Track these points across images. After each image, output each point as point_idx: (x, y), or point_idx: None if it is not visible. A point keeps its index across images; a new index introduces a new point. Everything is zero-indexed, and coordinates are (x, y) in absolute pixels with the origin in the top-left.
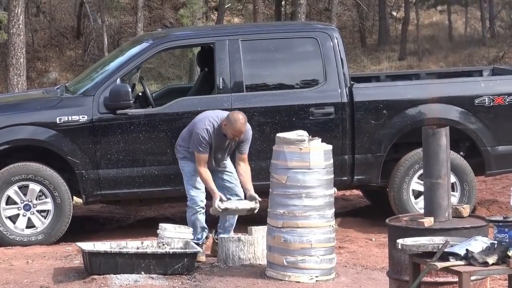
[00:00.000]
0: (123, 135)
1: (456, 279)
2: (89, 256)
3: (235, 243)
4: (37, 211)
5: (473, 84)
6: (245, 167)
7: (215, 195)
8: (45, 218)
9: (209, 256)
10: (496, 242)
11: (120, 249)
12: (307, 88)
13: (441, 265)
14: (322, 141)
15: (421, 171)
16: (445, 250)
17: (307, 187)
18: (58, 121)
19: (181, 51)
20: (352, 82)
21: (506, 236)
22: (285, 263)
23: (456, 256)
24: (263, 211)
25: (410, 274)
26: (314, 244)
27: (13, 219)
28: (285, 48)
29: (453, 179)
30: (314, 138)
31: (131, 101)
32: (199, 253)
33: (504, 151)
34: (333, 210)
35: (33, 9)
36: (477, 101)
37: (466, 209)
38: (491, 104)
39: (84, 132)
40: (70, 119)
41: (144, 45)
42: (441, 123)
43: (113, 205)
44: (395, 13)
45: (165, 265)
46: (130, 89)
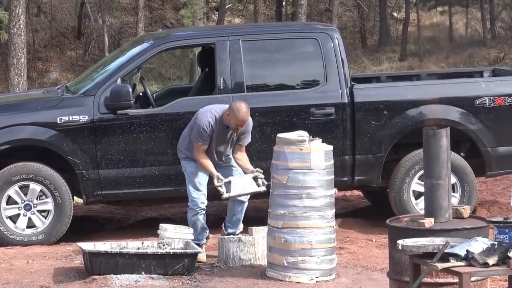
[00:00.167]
0: (123, 135)
1: (456, 280)
2: (90, 256)
3: (235, 243)
4: (38, 211)
5: (474, 85)
6: (242, 154)
7: (214, 176)
8: (45, 218)
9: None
10: (496, 243)
11: (121, 249)
12: (307, 88)
13: (441, 266)
14: (322, 142)
15: (422, 171)
16: (446, 251)
17: (307, 188)
18: (58, 121)
19: (181, 51)
20: (352, 83)
21: (506, 237)
22: (286, 264)
23: (457, 257)
24: (263, 211)
25: (411, 275)
26: (315, 244)
27: (14, 219)
28: (285, 48)
29: (453, 180)
30: (315, 138)
31: (132, 101)
32: (199, 253)
33: (505, 152)
34: (334, 210)
35: (34, 9)
36: (477, 102)
37: (466, 210)
38: (492, 105)
39: (85, 132)
40: (71, 119)
41: (145, 45)
42: (442, 123)
43: (114, 205)
44: (395, 14)
45: (165, 266)
46: (130, 89)
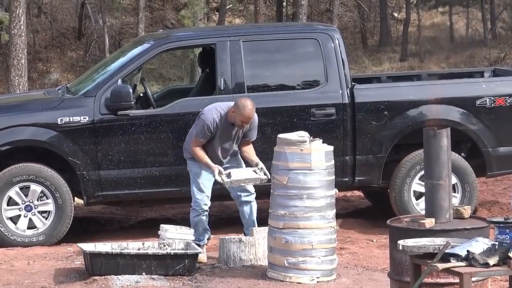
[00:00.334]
0: (124, 136)
1: (457, 280)
2: (90, 257)
3: (236, 244)
4: (38, 212)
5: (474, 85)
6: (249, 147)
7: (212, 168)
8: (46, 219)
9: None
10: (497, 243)
11: (121, 250)
12: (308, 89)
13: (442, 266)
14: (323, 142)
15: (422, 172)
16: (446, 251)
17: (308, 188)
18: (59, 122)
19: (182, 52)
20: (353, 83)
21: (507, 237)
22: (286, 264)
23: (457, 257)
24: (264, 212)
25: (411, 275)
26: (315, 245)
27: (14, 220)
28: (286, 49)
29: (454, 180)
30: (315, 139)
31: (132, 102)
32: (200, 253)
33: (505, 152)
34: (334, 211)
35: (35, 10)
36: (478, 102)
37: (467, 210)
38: (492, 105)
39: (85, 133)
40: (71, 120)
41: (146, 46)
42: (442, 124)
43: (114, 206)
44: (396, 14)
45: (166, 266)
46: (131, 90)
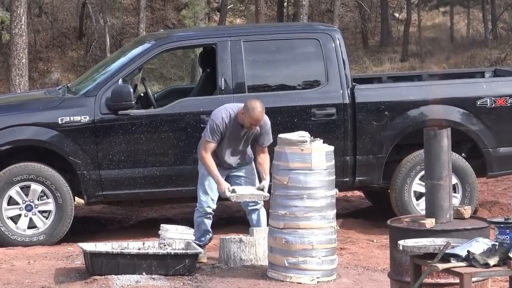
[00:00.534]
0: (124, 135)
1: (457, 280)
2: (91, 256)
3: (236, 244)
4: (39, 211)
5: (475, 85)
6: (264, 157)
7: (220, 185)
8: (46, 218)
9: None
10: (497, 243)
11: (122, 249)
12: (309, 89)
13: (442, 266)
14: (323, 142)
15: (423, 172)
16: (446, 251)
17: (308, 188)
18: (60, 122)
19: (183, 51)
20: (354, 83)
21: (507, 237)
22: (286, 264)
23: (458, 257)
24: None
25: (412, 275)
26: (316, 245)
27: (15, 219)
28: (287, 49)
29: (454, 180)
30: (316, 139)
31: (133, 102)
32: (200, 254)
33: (506, 153)
34: (335, 211)
35: (36, 10)
36: (479, 102)
37: (467, 211)
38: (493, 105)
39: (86, 132)
40: (72, 119)
41: (146, 45)
42: (443, 124)
43: (115, 205)
44: (397, 15)
45: (166, 266)
46: (132, 90)
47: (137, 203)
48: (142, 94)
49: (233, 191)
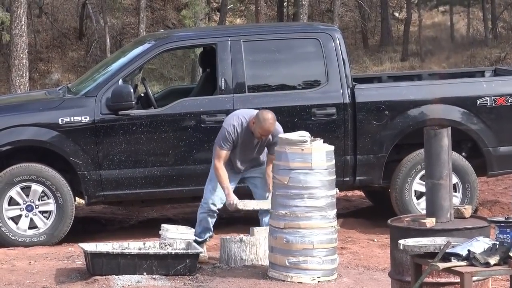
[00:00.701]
0: (125, 136)
1: (458, 279)
2: (91, 257)
3: (237, 243)
4: (40, 212)
5: (475, 84)
6: (271, 167)
7: (229, 196)
8: (47, 219)
9: None
10: (497, 242)
11: (122, 250)
12: (309, 88)
13: (443, 265)
14: (324, 142)
15: (423, 172)
16: (447, 250)
17: (309, 188)
18: (60, 122)
19: (183, 52)
20: (354, 83)
21: (508, 236)
22: (287, 264)
23: (458, 256)
24: None
25: (412, 274)
26: (316, 245)
27: (16, 219)
28: (287, 48)
29: (455, 180)
30: (316, 138)
31: (133, 102)
32: (201, 253)
33: (506, 152)
34: (335, 210)
35: (36, 10)
36: (479, 101)
37: (468, 210)
38: (493, 104)
39: (86, 133)
40: (72, 120)
41: (146, 46)
42: (443, 124)
43: (115, 206)
44: (397, 14)
45: (167, 266)
46: (132, 90)
47: (138, 203)
48: (142, 94)
49: (244, 205)
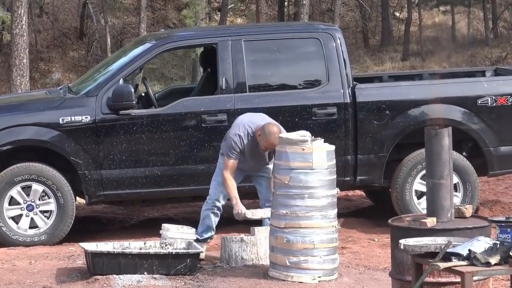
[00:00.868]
0: (126, 135)
1: (458, 279)
2: (92, 256)
3: (238, 243)
4: (40, 211)
5: (476, 84)
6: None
7: (237, 206)
8: (48, 218)
9: None
10: (498, 242)
11: (123, 249)
12: (309, 88)
13: (443, 265)
14: (324, 142)
15: (424, 171)
16: (448, 250)
17: (309, 188)
18: (61, 122)
19: (184, 51)
20: (354, 83)
21: (508, 236)
22: (288, 264)
23: (459, 256)
24: None
25: (413, 274)
26: (317, 244)
27: (16, 219)
28: (287, 48)
29: (455, 179)
30: (317, 138)
31: (134, 102)
32: (201, 253)
33: (507, 152)
34: (336, 210)
35: (36, 10)
36: (479, 101)
37: (468, 210)
38: (494, 104)
39: (87, 132)
40: (73, 119)
41: (147, 45)
42: (444, 123)
43: (116, 205)
44: (398, 14)
45: (168, 266)
46: (133, 90)
47: (138, 202)
48: (143, 94)
49: (252, 214)
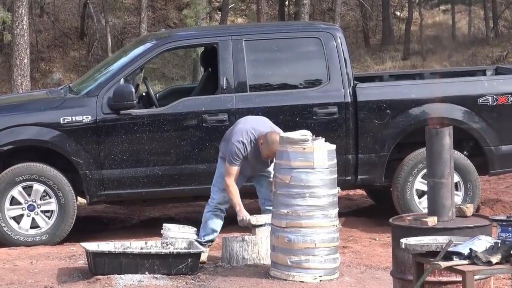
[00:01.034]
0: (126, 135)
1: (459, 278)
2: (93, 256)
3: (239, 243)
4: (41, 211)
5: (477, 83)
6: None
7: (241, 212)
8: (49, 218)
9: None
10: (499, 241)
11: (124, 249)
12: (310, 88)
13: (444, 264)
14: (325, 141)
15: (425, 170)
16: (449, 249)
17: (310, 187)
18: (62, 122)
19: (184, 51)
20: (355, 82)
21: (509, 235)
22: (289, 263)
23: (460, 255)
24: None
25: (414, 273)
26: (318, 244)
27: (17, 219)
28: (288, 48)
29: (456, 178)
30: (318, 137)
31: (135, 101)
32: (203, 253)
33: (508, 151)
34: (337, 209)
35: (37, 10)
36: (480, 100)
37: (469, 209)
38: (495, 103)
39: (88, 132)
40: (74, 119)
41: (148, 45)
42: (445, 122)
43: (117, 205)
44: (398, 13)
45: (169, 265)
46: (133, 89)
47: (140, 202)
48: (144, 94)
49: (256, 221)
